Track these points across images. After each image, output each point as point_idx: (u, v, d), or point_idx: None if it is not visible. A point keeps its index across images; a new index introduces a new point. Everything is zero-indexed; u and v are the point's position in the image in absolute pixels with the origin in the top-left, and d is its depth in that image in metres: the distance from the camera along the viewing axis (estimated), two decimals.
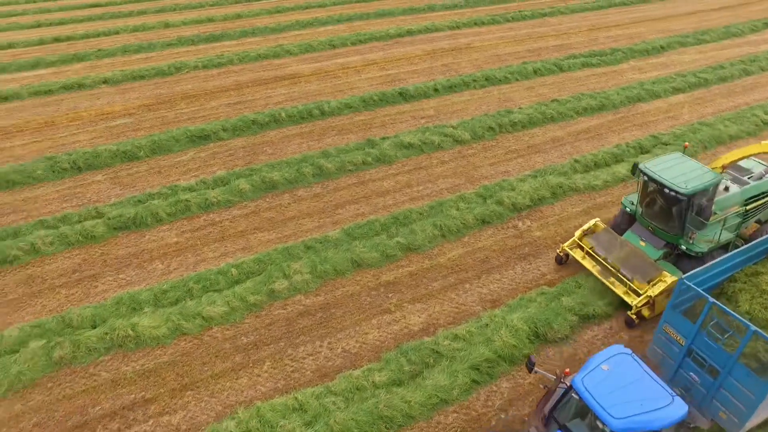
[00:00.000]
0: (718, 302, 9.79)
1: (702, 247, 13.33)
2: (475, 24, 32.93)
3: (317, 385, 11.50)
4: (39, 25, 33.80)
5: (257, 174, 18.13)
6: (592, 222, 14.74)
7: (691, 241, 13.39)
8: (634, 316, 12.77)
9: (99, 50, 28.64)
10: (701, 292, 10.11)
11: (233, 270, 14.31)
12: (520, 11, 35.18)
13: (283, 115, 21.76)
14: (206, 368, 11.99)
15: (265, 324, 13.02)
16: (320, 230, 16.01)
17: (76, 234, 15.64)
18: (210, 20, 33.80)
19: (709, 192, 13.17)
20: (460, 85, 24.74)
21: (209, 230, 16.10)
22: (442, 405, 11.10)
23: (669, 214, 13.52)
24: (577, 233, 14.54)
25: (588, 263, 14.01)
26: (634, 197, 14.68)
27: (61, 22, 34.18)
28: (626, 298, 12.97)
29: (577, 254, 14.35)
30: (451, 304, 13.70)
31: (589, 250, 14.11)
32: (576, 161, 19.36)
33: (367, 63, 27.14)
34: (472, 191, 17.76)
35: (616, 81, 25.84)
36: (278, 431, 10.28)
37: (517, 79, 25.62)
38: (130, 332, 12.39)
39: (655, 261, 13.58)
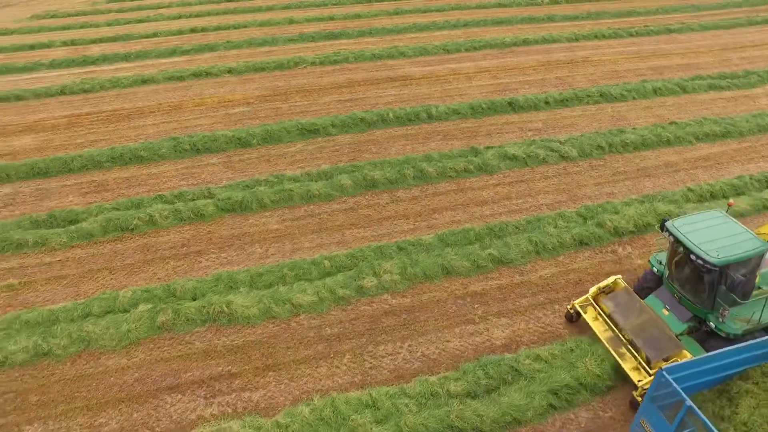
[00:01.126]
0: (695, 408, 8.28)
1: (735, 327, 11.11)
2: (595, 37, 31.63)
3: (392, 385, 11.66)
4: (180, 17, 36.79)
5: (360, 171, 18.62)
6: (611, 279, 12.97)
7: (721, 320, 11.24)
8: (639, 399, 10.71)
9: (228, 42, 30.67)
10: (678, 390, 8.52)
11: (326, 262, 14.82)
12: (645, 26, 33.33)
13: (391, 115, 22.16)
14: (290, 352, 12.54)
15: (350, 318, 13.38)
16: (414, 233, 16.17)
17: (189, 211, 16.90)
18: (331, 18, 35.07)
19: (748, 264, 11.00)
20: (572, 99, 23.93)
21: (308, 221, 16.77)
22: (515, 425, 10.86)
23: (699, 283, 11.41)
24: (592, 290, 12.83)
25: (599, 326, 12.15)
26: (664, 255, 12.77)
27: (198, 15, 36.99)
28: (632, 375, 11.08)
29: (589, 314, 12.51)
30: (538, 323, 13.34)
31: (601, 312, 12.34)
32: (690, 190, 18.10)
33: (479, 70, 26.95)
34: (572, 210, 17.15)
35: (747, 107, 23.83)
36: (349, 424, 10.54)
37: (634, 98, 24.35)
38: (225, 309, 13.22)
39: (677, 335, 11.55)
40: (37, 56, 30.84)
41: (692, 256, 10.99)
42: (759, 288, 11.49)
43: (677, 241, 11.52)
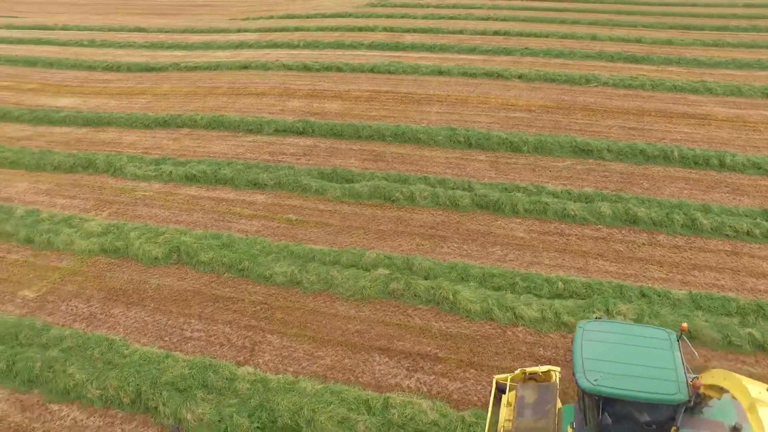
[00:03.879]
0: None
1: None
2: None
3: None
4: (487, 19, 38.52)
5: (623, 203, 17.37)
6: (545, 368, 10.93)
7: None
8: None
9: (525, 48, 31.10)
10: None
11: (561, 283, 14.28)
12: None
13: (676, 153, 20.04)
14: (497, 358, 12.51)
15: (566, 345, 12.74)
16: (665, 283, 14.54)
17: (446, 198, 17.87)
18: (638, 41, 32.90)
19: (636, 406, 7.89)
20: None
21: (555, 239, 16.32)
22: None
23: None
24: (518, 371, 10.94)
25: (505, 413, 10.16)
26: None
27: (505, 19, 38.21)
28: None
29: (506, 397, 10.54)
30: None
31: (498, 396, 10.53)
32: None
33: None
34: None
35: None
36: None
37: None
38: (450, 296, 13.74)
39: None
40: (361, 37, 35.48)
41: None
42: None
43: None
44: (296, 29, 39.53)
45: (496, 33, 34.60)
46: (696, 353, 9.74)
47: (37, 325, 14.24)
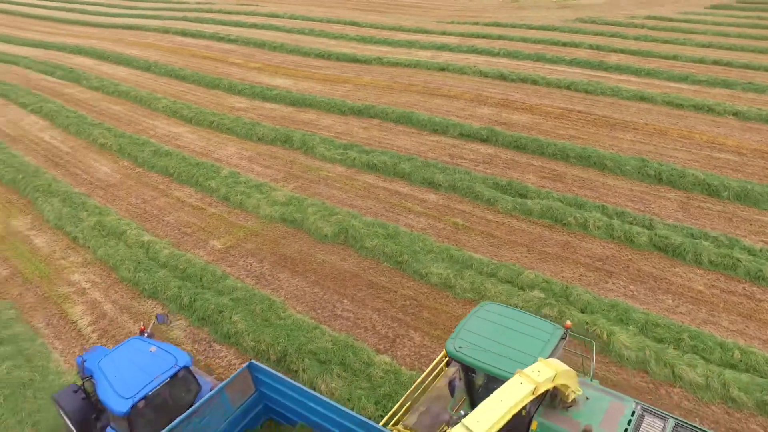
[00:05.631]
0: None
1: None
2: None
3: None
4: (709, 46, 34.95)
5: None
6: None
7: None
8: None
9: (749, 83, 27.71)
10: None
11: (737, 352, 12.70)
12: None
13: None
14: None
15: (730, 425, 11.37)
16: None
17: (621, 231, 16.81)
18: None
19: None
20: None
21: (741, 300, 14.53)
22: None
23: None
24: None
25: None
26: None
27: (730, 48, 34.33)
28: None
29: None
30: None
31: None
32: None
33: None
34: None
35: None
36: None
37: None
38: (604, 336, 12.98)
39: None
40: (564, 52, 34.47)
41: None
42: None
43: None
44: (499, 37, 39.58)
45: (715, 62, 31.26)
46: (594, 358, 9.92)
47: (217, 272, 16.40)
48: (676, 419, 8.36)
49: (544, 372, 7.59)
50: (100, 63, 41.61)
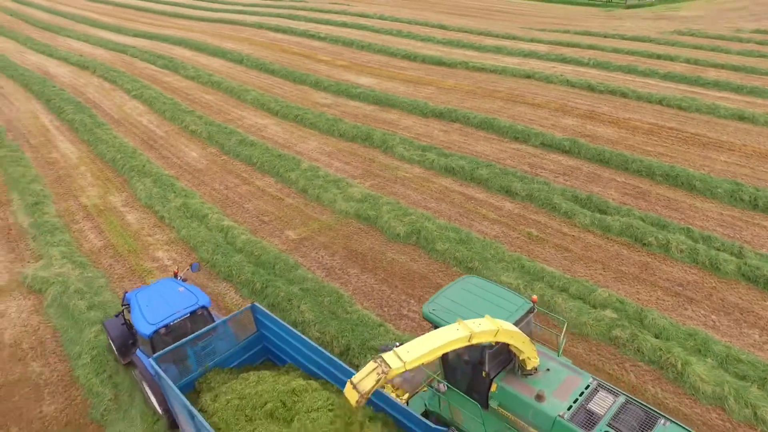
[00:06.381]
0: None
1: None
2: None
3: None
4: None
5: None
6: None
7: None
8: None
9: None
10: None
11: None
12: None
13: None
14: None
15: None
16: None
17: (706, 257, 15.86)
18: None
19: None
20: None
21: None
22: None
23: None
24: None
25: None
26: None
27: None
28: None
29: None
30: None
31: None
32: None
33: None
34: None
35: None
36: None
37: None
38: (679, 366, 12.31)
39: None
40: (658, 65, 32.94)
41: None
42: None
43: None
44: (589, 47, 38.35)
45: None
46: (563, 335, 10.02)
47: (290, 262, 16.93)
48: (627, 396, 8.92)
49: (485, 326, 8.19)
50: (197, 54, 43.88)
